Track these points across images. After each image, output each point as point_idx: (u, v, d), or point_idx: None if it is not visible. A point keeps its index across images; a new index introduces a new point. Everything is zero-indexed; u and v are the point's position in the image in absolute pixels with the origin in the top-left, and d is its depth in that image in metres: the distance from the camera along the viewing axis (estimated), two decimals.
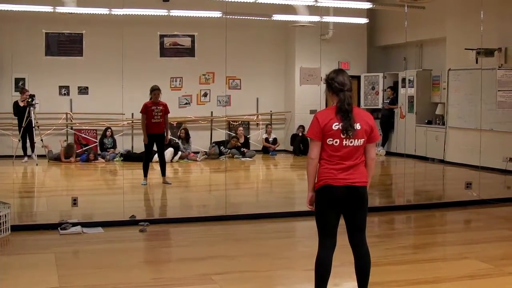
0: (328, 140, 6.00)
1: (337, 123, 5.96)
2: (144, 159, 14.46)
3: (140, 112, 14.25)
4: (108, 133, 19.16)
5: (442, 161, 18.49)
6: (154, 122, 14.14)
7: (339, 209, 6.08)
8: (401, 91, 20.41)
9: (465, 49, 16.91)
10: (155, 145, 14.40)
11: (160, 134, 14.27)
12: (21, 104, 17.51)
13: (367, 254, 6.20)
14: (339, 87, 6.05)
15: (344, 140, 5.97)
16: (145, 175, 14.31)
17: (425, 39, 19.67)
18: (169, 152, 17.82)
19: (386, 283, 7.16)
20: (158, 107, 14.12)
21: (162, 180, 14.51)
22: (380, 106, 21.32)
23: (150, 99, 14.19)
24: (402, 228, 11.28)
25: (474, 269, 7.85)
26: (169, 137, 15.02)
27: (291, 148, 21.09)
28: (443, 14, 18.37)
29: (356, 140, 6.00)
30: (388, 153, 20.66)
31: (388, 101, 20.89)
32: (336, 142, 5.97)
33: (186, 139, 19.58)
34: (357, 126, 5.99)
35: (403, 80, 20.22)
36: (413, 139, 19.33)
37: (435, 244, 9.64)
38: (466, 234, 10.35)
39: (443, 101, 18.98)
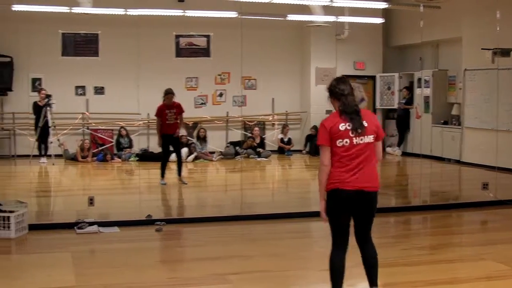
0: (338, 141, 6.06)
1: (343, 124, 6.05)
2: (162, 159, 14.49)
3: (155, 115, 14.27)
4: (123, 132, 19.20)
5: (458, 162, 18.42)
6: (168, 124, 14.17)
7: (349, 211, 6.19)
8: (417, 91, 20.34)
9: (482, 49, 16.81)
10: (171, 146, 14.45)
11: (174, 137, 14.36)
12: (40, 103, 17.58)
13: (372, 248, 6.36)
14: (340, 92, 6.16)
15: (355, 138, 6.05)
16: (163, 175, 14.33)
17: (441, 39, 19.59)
18: (183, 152, 17.84)
19: (402, 284, 7.15)
20: (172, 110, 14.15)
21: (178, 180, 14.54)
22: (395, 106, 21.27)
23: (163, 101, 14.21)
24: (419, 228, 11.24)
25: (491, 270, 7.83)
26: (185, 136, 15.03)
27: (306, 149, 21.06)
28: (459, 13, 18.30)
29: (366, 136, 6.10)
30: (404, 154, 20.59)
31: (404, 101, 20.82)
32: (346, 142, 6.05)
33: (204, 138, 19.59)
34: (365, 124, 6.10)
35: (419, 80, 20.15)
36: (429, 140, 19.25)
37: (452, 245, 9.60)
38: (483, 235, 10.33)
39: (459, 101, 18.91)
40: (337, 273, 6.18)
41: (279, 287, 7.27)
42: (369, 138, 6.11)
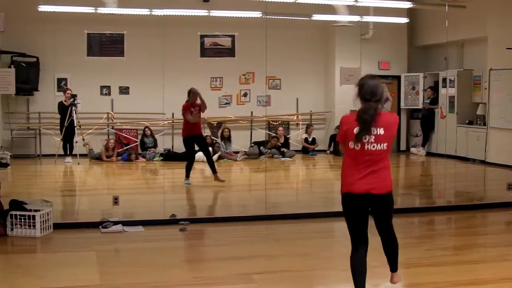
0: (349, 143, 6.12)
1: (358, 128, 6.07)
2: (188, 160, 14.49)
3: (183, 113, 14.22)
4: (148, 132, 19.27)
5: (483, 162, 18.31)
6: (192, 122, 14.20)
7: (363, 212, 6.24)
8: (442, 91, 20.26)
9: (507, 48, 16.76)
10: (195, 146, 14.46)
11: (198, 135, 14.36)
12: (65, 103, 17.69)
13: (393, 236, 6.46)
14: (366, 96, 6.14)
15: (366, 144, 6.07)
16: (187, 175, 14.33)
17: (466, 39, 19.48)
18: None
19: (426, 285, 7.14)
20: (196, 108, 14.17)
21: (214, 178, 14.51)
22: (420, 106, 21.19)
23: (187, 101, 14.22)
24: (443, 229, 11.20)
25: None
26: (209, 135, 15.03)
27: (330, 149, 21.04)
28: (484, 13, 18.20)
29: (379, 144, 6.08)
30: (429, 154, 20.52)
31: (429, 101, 20.75)
32: (357, 146, 6.09)
33: (228, 138, 19.62)
34: (380, 131, 6.07)
35: (444, 80, 20.07)
36: (453, 140, 19.17)
37: (476, 245, 9.54)
38: (508, 236, 10.27)
39: (484, 101, 18.81)
40: (357, 273, 6.22)
41: (302, 287, 7.28)
42: (382, 146, 6.09)
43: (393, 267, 6.53)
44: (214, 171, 14.51)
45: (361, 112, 6.10)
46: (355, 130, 6.05)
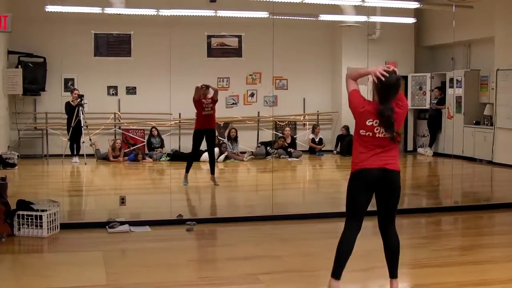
0: (361, 131, 6.27)
1: (371, 120, 6.21)
2: (190, 156, 14.44)
3: (194, 101, 14.16)
4: (155, 132, 19.28)
5: (490, 162, 18.29)
6: (205, 115, 14.05)
7: (372, 191, 6.31)
8: (449, 91, 20.24)
9: None
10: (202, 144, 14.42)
11: (210, 130, 14.27)
12: (72, 103, 17.71)
13: (395, 236, 6.44)
14: (384, 95, 6.25)
15: (378, 133, 6.21)
16: (187, 170, 14.21)
17: (473, 39, 19.47)
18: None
19: (432, 285, 7.13)
20: (208, 99, 14.12)
21: (210, 178, 14.51)
22: (427, 107, 21.17)
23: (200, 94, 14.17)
24: (450, 229, 11.18)
25: None
26: (216, 135, 15.01)
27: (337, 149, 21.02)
28: (492, 13, 18.18)
29: None
30: (436, 154, 20.49)
31: (436, 102, 20.72)
32: (369, 134, 6.25)
33: (235, 139, 19.63)
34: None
35: (451, 80, 20.05)
36: (461, 140, 19.14)
37: (483, 246, 9.53)
38: None
39: (491, 102, 18.79)
40: (343, 253, 6.35)
41: (310, 287, 7.28)
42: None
43: (393, 272, 6.44)
44: (212, 172, 14.50)
45: (380, 110, 6.19)
46: (369, 122, 6.20)
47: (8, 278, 7.57)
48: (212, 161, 14.55)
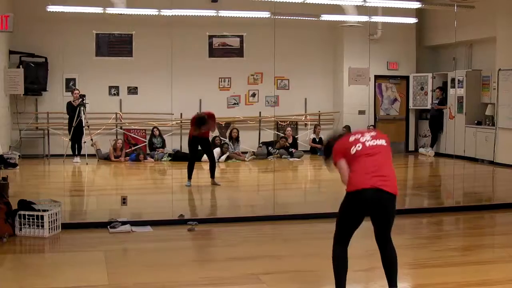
0: (351, 150, 6.33)
1: (352, 136, 6.42)
2: (189, 160, 14.46)
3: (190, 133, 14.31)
4: (156, 132, 19.29)
5: (492, 162, 18.27)
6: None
7: (366, 213, 6.31)
8: (450, 91, 20.25)
9: None
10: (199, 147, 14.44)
11: (204, 138, 14.34)
12: (74, 103, 17.72)
13: (392, 248, 6.39)
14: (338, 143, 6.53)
15: (367, 142, 6.29)
16: (189, 176, 14.27)
17: (474, 39, 19.46)
18: (215, 152, 17.86)
19: (434, 285, 7.13)
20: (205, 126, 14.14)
21: (211, 182, 14.51)
22: (429, 107, 21.16)
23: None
24: (451, 229, 11.17)
25: None
26: (218, 136, 15.02)
27: None
28: (493, 13, 18.17)
29: (378, 140, 6.33)
30: (437, 154, 20.48)
31: (437, 102, 20.72)
32: (359, 146, 6.29)
33: (236, 139, 19.63)
34: (373, 133, 6.40)
35: (453, 80, 20.04)
36: (462, 140, 19.11)
37: (485, 246, 9.53)
38: None
39: (493, 102, 18.77)
40: (342, 268, 6.31)
41: (312, 287, 7.27)
42: (381, 141, 6.33)
43: (393, 283, 6.41)
44: (212, 176, 14.51)
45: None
46: (351, 138, 6.38)
47: (10, 278, 7.56)
48: (212, 166, 14.54)
